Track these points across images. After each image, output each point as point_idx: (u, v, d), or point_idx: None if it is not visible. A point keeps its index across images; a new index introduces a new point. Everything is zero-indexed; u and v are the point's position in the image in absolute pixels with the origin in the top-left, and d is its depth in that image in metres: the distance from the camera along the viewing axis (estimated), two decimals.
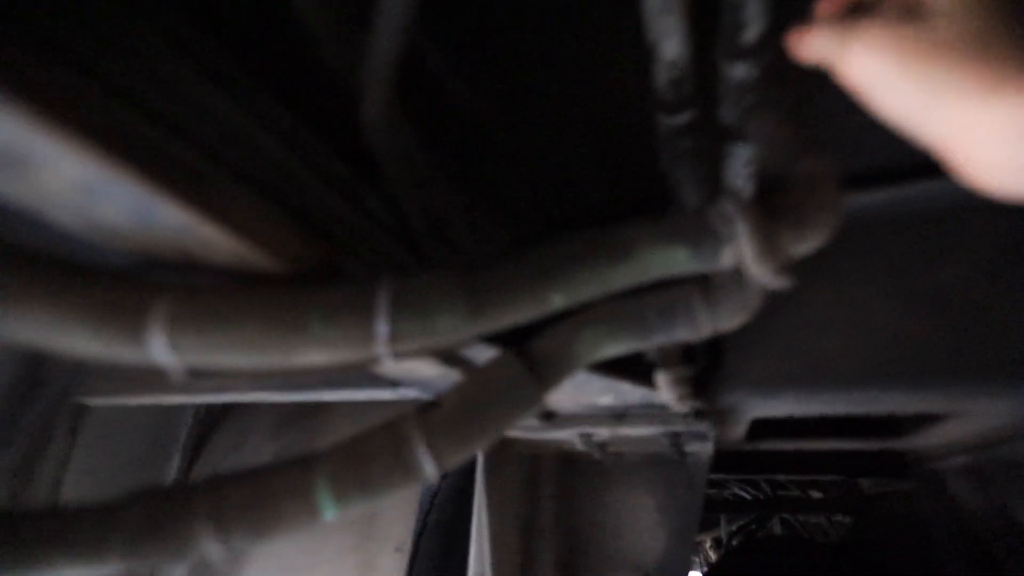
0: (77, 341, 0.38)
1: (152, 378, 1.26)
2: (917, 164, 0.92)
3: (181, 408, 1.70)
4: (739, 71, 0.57)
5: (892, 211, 0.93)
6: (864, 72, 0.36)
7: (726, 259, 0.44)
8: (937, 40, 0.32)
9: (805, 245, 0.47)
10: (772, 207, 0.45)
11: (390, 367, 0.67)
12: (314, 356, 0.39)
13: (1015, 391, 0.86)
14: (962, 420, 1.06)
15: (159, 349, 0.37)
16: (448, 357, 0.64)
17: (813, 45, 0.40)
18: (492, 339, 0.58)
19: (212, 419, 1.77)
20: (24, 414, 1.26)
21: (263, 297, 0.36)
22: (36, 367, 1.30)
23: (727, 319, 0.53)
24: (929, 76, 0.32)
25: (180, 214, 0.33)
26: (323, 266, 0.42)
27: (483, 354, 0.64)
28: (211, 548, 0.44)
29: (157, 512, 0.44)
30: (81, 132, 0.27)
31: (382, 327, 0.36)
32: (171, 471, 1.67)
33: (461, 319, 0.38)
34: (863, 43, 0.36)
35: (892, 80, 0.34)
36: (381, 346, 0.37)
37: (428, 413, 0.49)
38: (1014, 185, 0.33)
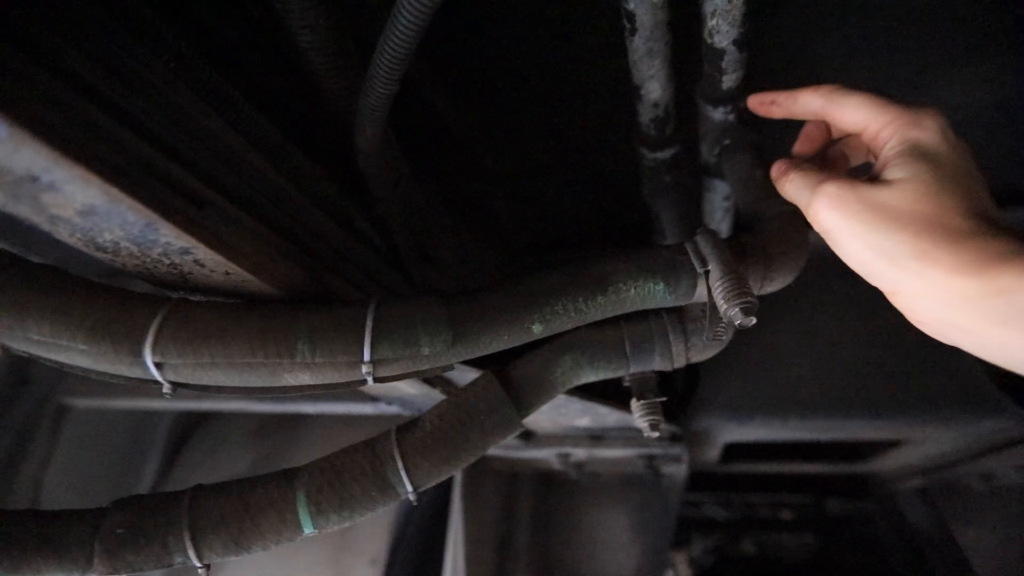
0: (75, 355, 0.39)
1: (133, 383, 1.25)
2: None
3: (159, 414, 1.69)
4: (718, 114, 0.60)
5: None
6: (826, 224, 0.40)
7: (700, 294, 0.47)
8: (889, 209, 0.36)
9: (772, 285, 0.49)
10: (743, 247, 0.48)
11: (373, 388, 0.69)
12: (300, 377, 0.40)
13: (960, 420, 0.92)
14: (915, 446, 1.12)
15: (154, 366, 0.38)
16: (430, 378, 0.65)
17: (788, 188, 0.44)
18: (473, 361, 0.59)
19: (190, 424, 1.76)
20: (8, 413, 1.26)
21: (252, 318, 0.37)
22: (20, 366, 1.29)
23: (701, 350, 0.55)
24: (877, 239, 0.36)
25: (178, 238, 0.34)
26: (312, 288, 0.44)
27: (465, 375, 0.65)
28: (189, 559, 0.45)
29: (139, 522, 0.44)
30: (87, 161, 0.29)
31: (367, 352, 0.38)
32: (149, 474, 1.65)
33: (443, 345, 0.39)
34: (827, 199, 0.39)
35: (847, 235, 0.38)
36: (365, 370, 0.39)
37: (407, 433, 0.50)
38: (944, 339, 0.36)
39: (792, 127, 0.74)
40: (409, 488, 0.49)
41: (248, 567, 1.54)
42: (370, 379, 0.40)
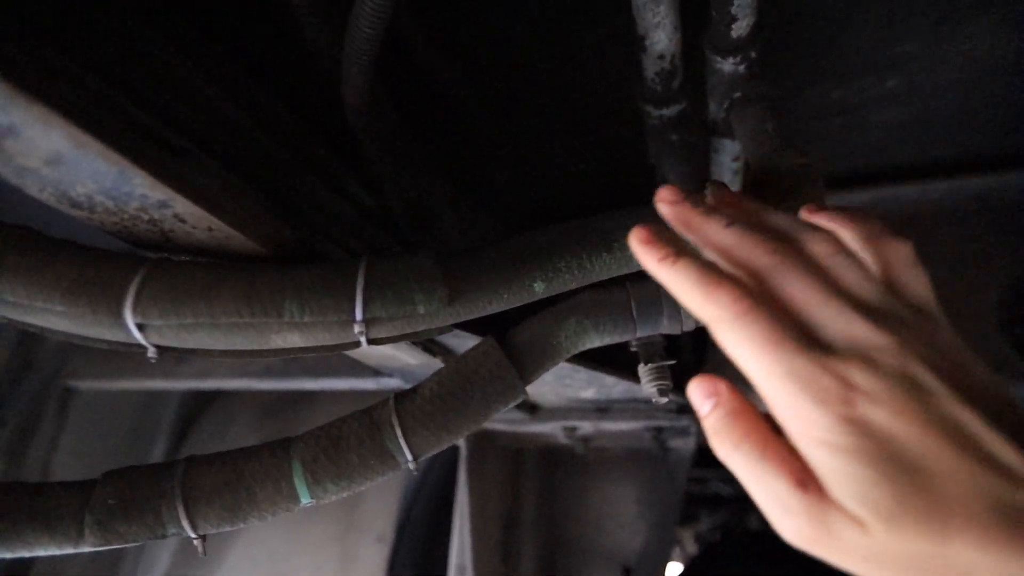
0: (53, 318, 0.37)
1: (136, 363, 1.25)
2: (895, 168, 0.95)
3: (166, 395, 1.69)
4: (727, 66, 0.57)
5: (871, 213, 0.96)
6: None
7: None
8: None
9: None
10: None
11: (369, 353, 0.67)
12: (289, 338, 0.38)
13: None
14: None
15: (135, 327, 0.36)
16: (428, 344, 0.64)
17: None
18: (474, 328, 0.58)
19: (197, 405, 1.77)
20: (15, 395, 1.26)
21: (237, 277, 0.35)
22: (26, 349, 1.29)
23: None
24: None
25: (154, 188, 0.32)
26: (301, 248, 0.42)
27: (465, 343, 0.64)
28: (184, 529, 0.43)
29: (130, 492, 0.43)
30: (46, 100, 0.27)
31: (358, 310, 0.36)
32: (157, 455, 1.66)
33: (440, 304, 0.37)
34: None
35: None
36: (358, 329, 0.37)
37: (406, 401, 0.49)
38: None
39: (808, 79, 0.71)
40: (408, 457, 0.47)
41: (255, 545, 1.54)
42: (363, 340, 0.38)
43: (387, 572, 1.44)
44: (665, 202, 0.33)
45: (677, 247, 0.29)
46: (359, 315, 0.36)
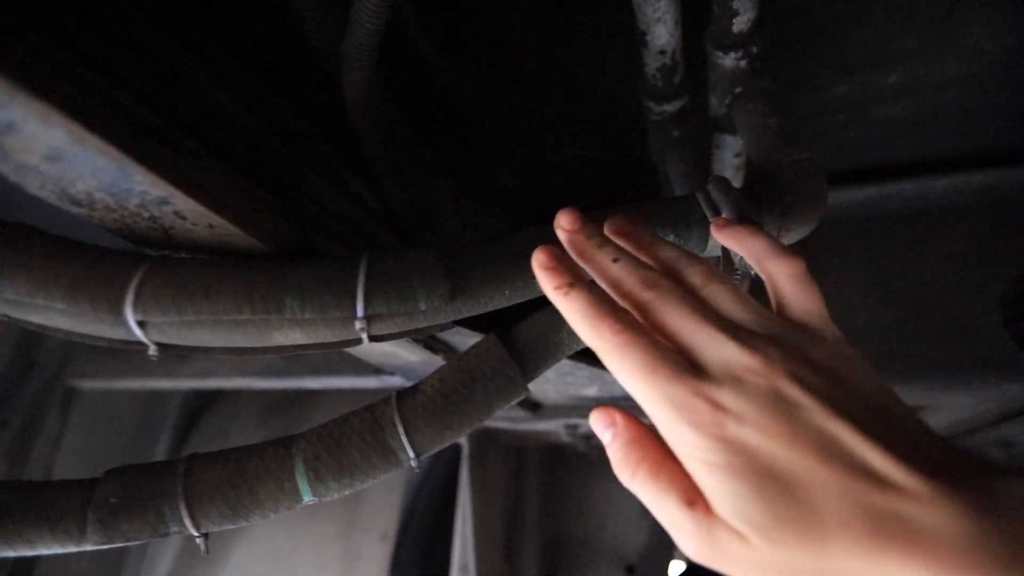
0: (54, 315, 0.37)
1: (139, 362, 1.25)
2: (897, 164, 0.95)
3: (168, 395, 1.70)
4: (728, 61, 0.57)
5: (873, 209, 0.96)
6: None
7: (713, 245, 0.44)
8: None
9: (790, 235, 0.47)
10: (757, 196, 0.45)
11: (371, 350, 0.67)
12: (291, 335, 0.38)
13: (981, 384, 0.89)
14: (933, 412, 1.10)
15: (136, 324, 0.36)
16: (430, 342, 0.64)
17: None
18: (476, 325, 0.57)
19: (200, 405, 1.77)
20: (18, 395, 1.26)
21: (238, 273, 0.35)
22: (29, 349, 1.30)
23: None
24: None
25: (154, 185, 0.32)
26: (302, 245, 0.41)
27: (467, 340, 0.63)
28: (186, 527, 0.43)
29: (132, 490, 0.43)
30: (46, 95, 0.26)
31: (359, 307, 0.36)
32: (160, 455, 1.66)
33: (441, 300, 0.37)
34: None
35: None
36: (359, 326, 0.37)
37: (408, 398, 0.48)
38: None
39: (810, 75, 0.71)
40: (411, 454, 0.47)
41: (258, 543, 1.55)
42: (364, 337, 0.38)
43: (390, 570, 1.44)
44: (562, 229, 0.36)
45: (572, 276, 0.31)
46: (360, 311, 0.36)
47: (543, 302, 0.51)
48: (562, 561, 1.40)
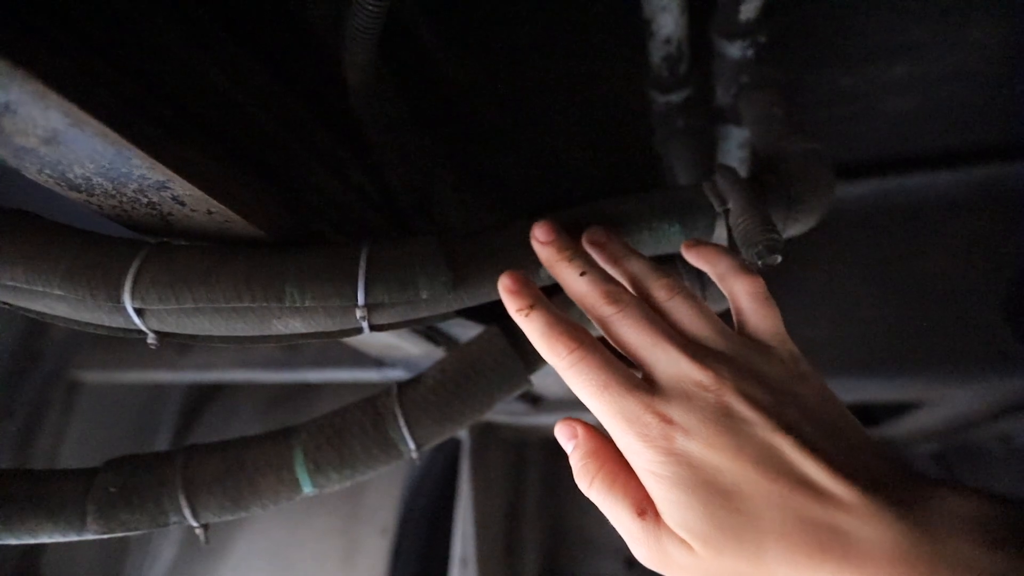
0: (52, 302, 0.37)
1: (141, 355, 1.25)
2: (900, 158, 0.95)
3: (170, 388, 1.70)
4: (735, 50, 0.56)
5: (875, 203, 0.96)
6: None
7: (719, 235, 0.44)
8: None
9: (797, 225, 0.46)
10: (764, 186, 0.45)
11: (372, 341, 0.67)
12: (291, 324, 0.38)
13: (982, 379, 0.89)
14: (933, 407, 1.10)
15: (134, 312, 0.36)
16: (431, 333, 0.63)
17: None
18: (478, 316, 0.57)
19: (201, 398, 1.77)
20: (22, 386, 1.26)
21: (237, 261, 0.35)
22: (32, 341, 1.30)
23: (718, 299, 0.53)
24: None
25: (152, 169, 0.31)
26: (302, 233, 0.41)
27: (468, 332, 0.63)
28: (185, 517, 0.43)
29: (131, 480, 0.43)
30: (43, 74, 0.26)
31: (360, 295, 0.35)
32: (162, 447, 1.66)
33: (443, 288, 0.37)
34: None
35: None
36: (360, 314, 0.36)
37: (409, 389, 0.48)
38: None
39: (816, 65, 0.70)
40: (412, 446, 0.47)
41: (259, 537, 1.55)
42: (365, 326, 0.38)
43: (390, 564, 1.45)
44: (537, 241, 0.38)
45: (533, 299, 0.33)
46: (361, 299, 0.36)
47: (547, 292, 0.51)
48: (563, 555, 1.40)
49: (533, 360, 0.50)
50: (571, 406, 1.07)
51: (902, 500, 0.24)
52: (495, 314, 0.51)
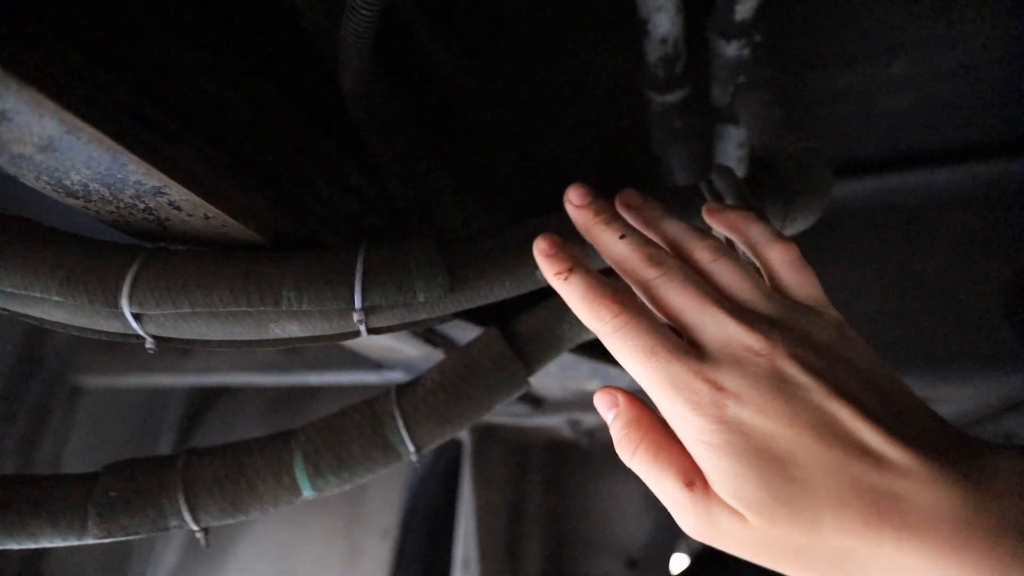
0: (50, 308, 0.37)
1: (141, 360, 1.25)
2: (901, 156, 0.95)
3: (172, 392, 1.70)
4: (731, 50, 0.56)
5: (875, 200, 0.96)
6: None
7: (717, 234, 0.44)
8: None
9: (795, 224, 0.46)
10: (762, 185, 0.45)
11: (370, 344, 0.67)
12: (288, 328, 0.38)
13: (984, 376, 0.89)
14: (934, 406, 1.09)
15: (132, 316, 0.36)
16: (430, 335, 0.63)
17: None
18: (476, 318, 0.57)
19: (203, 402, 1.77)
20: (24, 391, 1.27)
21: (234, 265, 0.35)
22: (34, 346, 1.30)
23: None
24: None
25: (148, 174, 0.31)
26: (299, 237, 0.41)
27: (467, 334, 0.63)
28: (185, 521, 0.43)
29: (132, 484, 0.43)
30: (39, 83, 0.26)
31: (357, 298, 0.35)
32: (164, 451, 1.66)
33: (440, 291, 0.37)
34: None
35: None
36: (357, 318, 0.36)
37: (407, 391, 0.48)
38: None
39: (814, 64, 0.70)
40: (411, 448, 0.47)
41: (261, 540, 1.55)
42: (363, 329, 0.38)
43: (392, 566, 1.44)
44: (571, 204, 0.36)
45: (572, 262, 0.31)
46: (358, 303, 0.36)
47: (545, 294, 0.51)
48: (565, 556, 1.40)
49: (532, 361, 0.50)
50: (572, 407, 1.07)
51: (959, 463, 0.23)
52: (494, 316, 0.51)
